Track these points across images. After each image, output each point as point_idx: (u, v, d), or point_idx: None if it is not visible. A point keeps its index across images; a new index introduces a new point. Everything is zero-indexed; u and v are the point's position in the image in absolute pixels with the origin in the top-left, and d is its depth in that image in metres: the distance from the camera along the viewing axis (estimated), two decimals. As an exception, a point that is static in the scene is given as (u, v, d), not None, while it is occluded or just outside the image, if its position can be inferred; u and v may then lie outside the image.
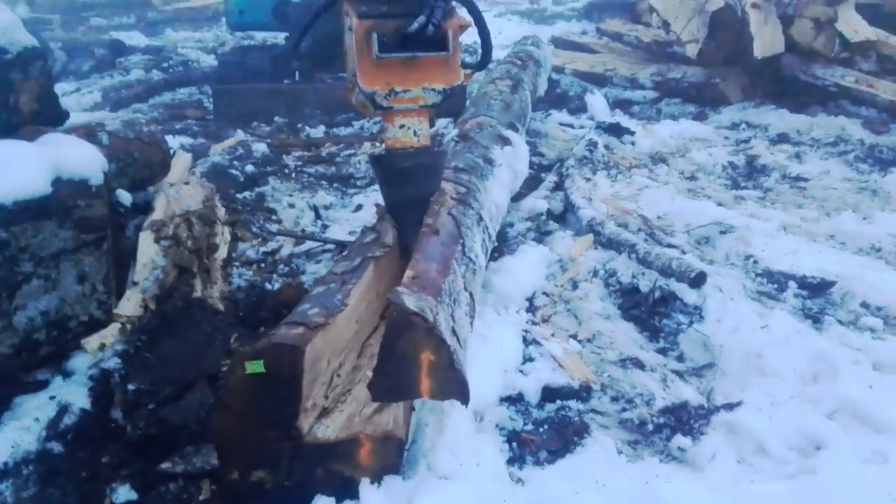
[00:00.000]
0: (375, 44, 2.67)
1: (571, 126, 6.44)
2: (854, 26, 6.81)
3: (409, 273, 2.33)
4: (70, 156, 2.99)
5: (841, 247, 3.93)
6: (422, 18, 2.65)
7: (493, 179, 3.62)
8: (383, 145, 3.01)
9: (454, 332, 2.21)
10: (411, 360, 2.06)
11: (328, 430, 2.12)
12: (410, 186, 2.88)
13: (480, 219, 3.14)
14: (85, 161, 3.04)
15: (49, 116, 3.37)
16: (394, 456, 2.19)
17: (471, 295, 2.60)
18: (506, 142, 4.29)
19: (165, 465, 2.21)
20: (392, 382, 2.09)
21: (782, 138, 6.06)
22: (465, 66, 3.12)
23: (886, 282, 3.43)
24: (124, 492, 2.21)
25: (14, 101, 3.16)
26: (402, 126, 2.87)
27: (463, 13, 2.99)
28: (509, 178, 3.89)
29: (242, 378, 2.03)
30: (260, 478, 2.14)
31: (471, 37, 3.33)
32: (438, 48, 2.75)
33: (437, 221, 2.77)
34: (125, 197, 3.50)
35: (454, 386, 2.10)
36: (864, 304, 3.33)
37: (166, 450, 2.34)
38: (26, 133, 3.20)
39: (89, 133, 3.91)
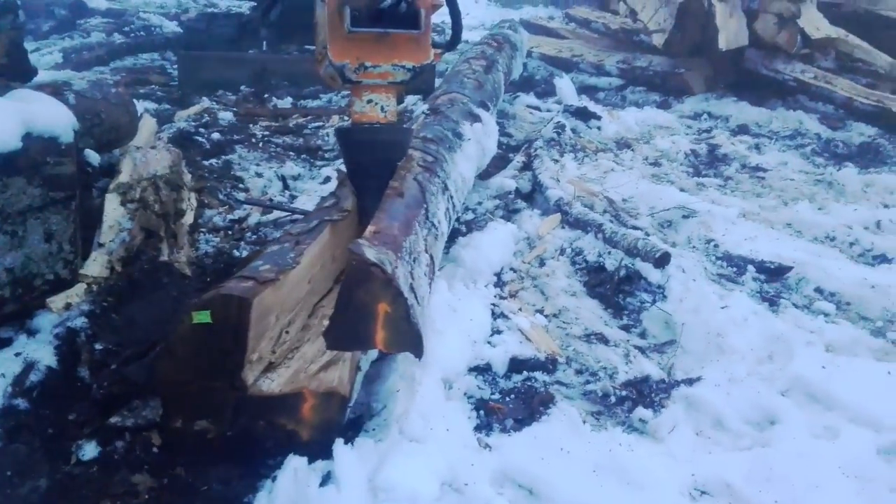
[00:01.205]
0: (348, 17, 2.67)
1: (538, 109, 6.50)
2: (815, 24, 6.98)
3: (371, 228, 2.35)
4: (41, 112, 2.94)
5: (797, 235, 4.06)
6: None
7: (461, 152, 3.65)
8: (350, 119, 3.02)
9: (412, 288, 2.24)
10: (368, 310, 2.07)
11: (273, 383, 2.14)
12: (375, 161, 2.89)
13: (445, 188, 3.18)
14: (55, 118, 2.99)
15: (17, 71, 3.30)
16: (336, 413, 2.21)
17: (431, 257, 2.64)
18: (476, 119, 4.32)
19: (115, 420, 2.20)
20: (348, 331, 2.10)
21: (742, 129, 6.20)
22: (434, 45, 3.14)
23: (840, 269, 3.56)
24: (90, 448, 2.20)
25: (-18, 54, 3.09)
26: (369, 101, 2.88)
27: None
28: (477, 154, 3.92)
29: (189, 327, 2.04)
30: (203, 427, 2.15)
31: (439, 16, 3.34)
32: (410, 25, 2.76)
33: (402, 185, 2.80)
34: (93, 157, 3.46)
35: (409, 339, 2.13)
36: (819, 290, 3.46)
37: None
38: (-6, 87, 3.14)
39: (55, 91, 3.83)
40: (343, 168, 3.15)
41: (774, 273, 3.54)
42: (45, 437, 2.38)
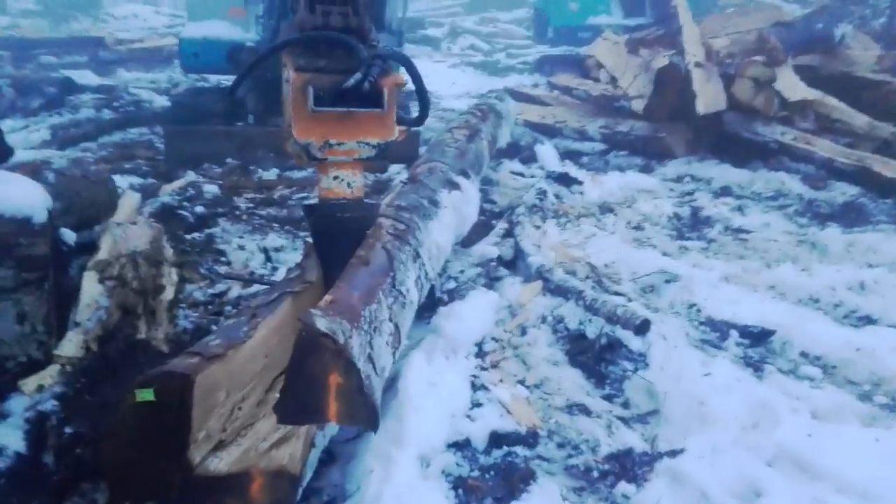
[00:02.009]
0: (311, 97, 2.71)
1: (522, 175, 6.55)
2: (792, 87, 7.09)
3: (327, 298, 2.32)
4: (13, 193, 2.94)
5: (781, 297, 4.04)
6: (358, 75, 2.69)
7: (437, 220, 3.65)
8: (317, 195, 3.04)
9: (370, 358, 2.19)
10: (319, 382, 2.02)
11: (221, 462, 2.07)
12: (341, 237, 2.88)
13: (417, 256, 3.16)
14: (29, 199, 2.99)
15: (-7, 152, 3.32)
16: (287, 492, 2.14)
17: (396, 326, 2.59)
18: (455, 186, 4.34)
19: None
20: (299, 404, 2.04)
21: (725, 191, 6.24)
22: (403, 122, 3.18)
23: (824, 332, 3.53)
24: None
25: (-42, 137, 3.11)
26: (335, 177, 2.90)
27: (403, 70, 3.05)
28: (454, 221, 3.92)
29: (133, 406, 1.99)
30: None
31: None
32: (373, 104, 2.80)
33: (368, 253, 2.78)
34: (69, 236, 3.45)
35: (363, 411, 2.06)
36: (804, 354, 3.42)
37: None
38: (-32, 169, 3.15)
39: (35, 170, 3.86)
40: (310, 240, 3.15)
41: (758, 337, 3.50)
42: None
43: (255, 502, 2.08)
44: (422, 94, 3.17)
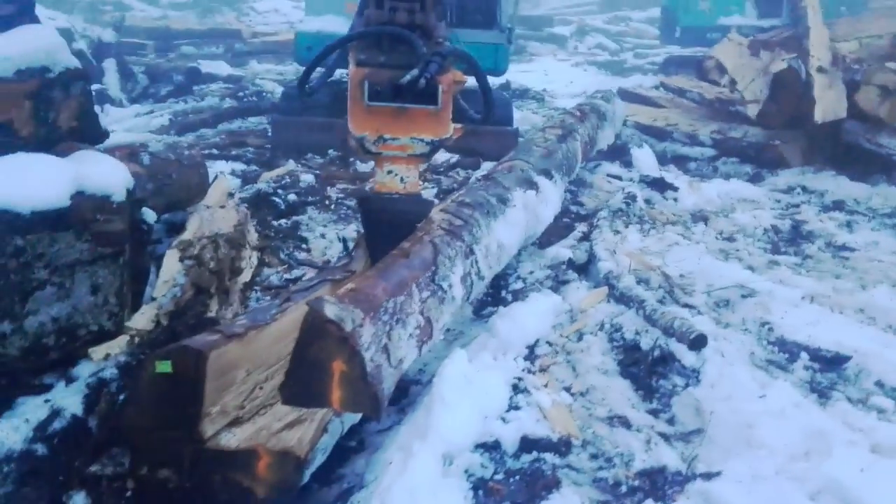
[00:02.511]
0: (366, 91, 2.76)
1: (619, 178, 6.39)
2: (926, 96, 6.57)
3: (349, 285, 2.36)
4: (95, 172, 3.15)
5: (869, 321, 3.76)
6: (415, 72, 2.72)
7: (502, 218, 3.62)
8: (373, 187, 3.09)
9: (386, 349, 2.21)
10: (323, 368, 2.06)
11: (233, 438, 2.16)
12: (392, 230, 2.93)
13: (471, 252, 3.15)
14: (109, 178, 3.20)
15: (88, 134, 3.56)
16: (291, 473, 2.21)
17: (428, 320, 2.60)
18: (532, 186, 4.30)
19: (95, 468, 2.28)
20: (302, 387, 2.09)
21: (837, 205, 5.86)
22: (472, 120, 3.19)
23: (908, 362, 3.27)
24: (79, 499, 2.28)
25: (54, 118, 3.35)
26: (389, 172, 2.95)
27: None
28: (524, 221, 3.88)
29: (151, 376, 2.11)
30: (165, 476, 2.20)
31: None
32: (428, 102, 2.82)
33: (412, 246, 2.81)
34: (150, 215, 3.65)
35: (365, 399, 2.09)
36: (879, 383, 3.18)
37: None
38: (62, 148, 3.39)
39: (132, 153, 4.13)
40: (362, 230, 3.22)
41: (830, 362, 3.28)
42: (54, 483, 2.49)
43: (260, 479, 2.16)
44: (486, 94, 3.17)
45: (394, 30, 2.88)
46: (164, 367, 2.10)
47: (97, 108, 7.59)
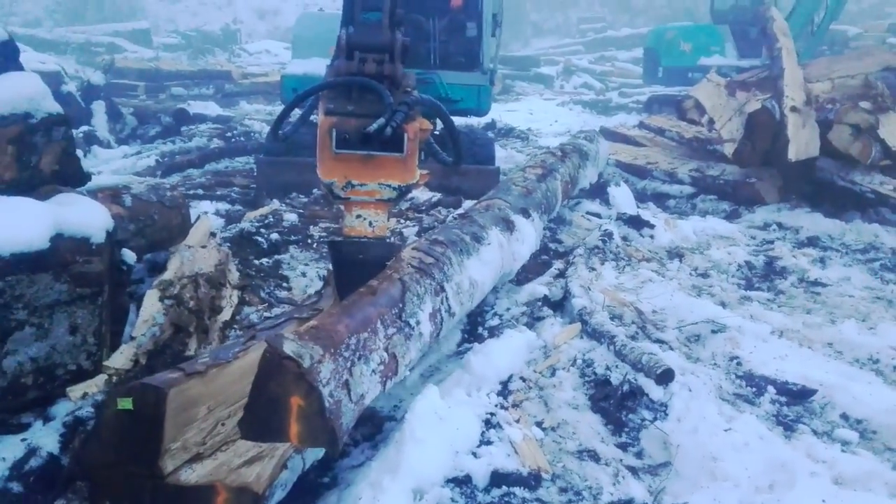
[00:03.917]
0: (333, 140, 2.85)
1: (599, 216, 6.51)
2: (897, 134, 6.73)
3: (311, 323, 2.42)
4: (75, 214, 3.23)
5: (837, 355, 3.84)
6: (381, 120, 2.81)
7: (476, 256, 3.71)
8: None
9: (346, 384, 2.26)
10: (281, 403, 2.11)
11: (193, 474, 2.21)
12: (361, 273, 3.00)
13: (441, 290, 3.22)
14: (89, 220, 3.27)
15: (70, 177, 3.64)
16: (232, 501, 2.23)
17: (393, 356, 2.65)
18: (508, 225, 4.39)
19: (60, 502, 2.32)
20: (261, 422, 2.14)
21: (811, 241, 5.98)
22: (444, 163, 3.28)
23: (872, 394, 3.34)
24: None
25: (36, 162, 3.44)
26: (358, 216, 3.03)
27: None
28: (498, 259, 3.96)
29: (113, 413, 2.16)
30: None
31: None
32: (394, 149, 2.91)
33: (380, 284, 2.87)
34: (130, 256, 3.72)
35: (323, 434, 2.13)
36: (844, 416, 3.25)
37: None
38: (44, 191, 3.47)
39: (115, 195, 4.21)
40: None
41: (797, 395, 3.35)
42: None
43: (218, 516, 2.21)
44: (455, 140, 3.28)
45: (362, 80, 2.97)
46: (126, 404, 2.17)
47: (84, 150, 7.72)
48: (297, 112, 3.30)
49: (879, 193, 6.50)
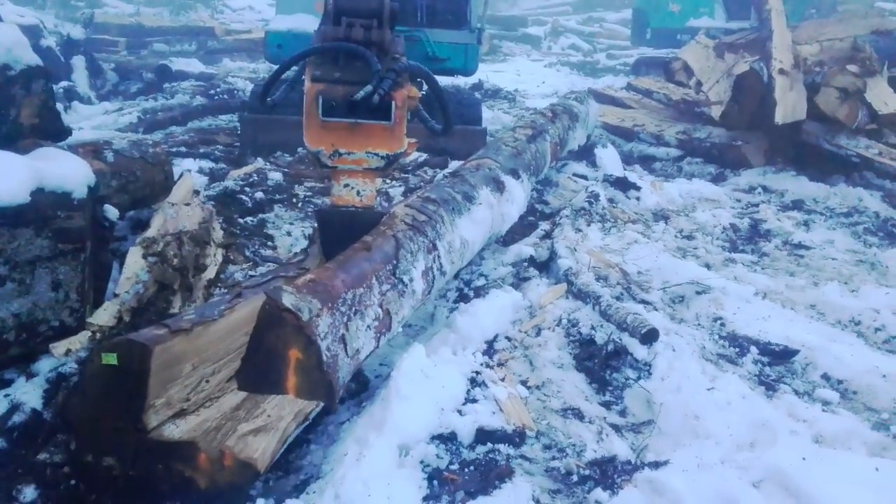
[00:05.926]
0: (320, 107, 2.80)
1: (585, 177, 6.49)
2: (884, 98, 6.73)
3: (307, 276, 2.41)
4: (56, 169, 3.17)
5: (819, 317, 3.88)
6: (368, 88, 2.76)
7: (467, 216, 3.69)
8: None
9: (343, 339, 2.26)
10: (279, 355, 2.12)
11: (176, 430, 2.21)
12: (348, 242, 2.97)
13: (434, 248, 3.21)
14: (70, 175, 3.21)
15: (50, 131, 3.57)
16: (246, 482, 2.27)
17: (387, 312, 2.65)
18: (499, 185, 4.37)
19: (43, 456, 2.32)
20: (259, 374, 2.15)
21: (796, 205, 6.01)
22: (432, 130, 3.24)
23: (853, 355, 3.38)
24: (29, 492, 2.32)
25: (15, 115, 3.37)
26: (346, 185, 2.99)
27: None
28: (489, 219, 3.95)
29: (97, 367, 2.17)
30: (109, 464, 2.26)
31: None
32: (382, 117, 2.87)
33: (374, 240, 2.86)
34: (112, 212, 3.67)
35: (320, 388, 2.15)
36: (825, 376, 3.29)
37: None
38: (24, 146, 3.40)
39: (96, 150, 4.13)
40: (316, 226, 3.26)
41: (779, 356, 3.39)
42: (13, 476, 2.52)
43: (202, 471, 2.21)
44: (444, 106, 3.23)
45: (349, 46, 2.91)
46: (110, 359, 2.15)
47: (65, 106, 7.58)
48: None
49: (864, 157, 6.52)
